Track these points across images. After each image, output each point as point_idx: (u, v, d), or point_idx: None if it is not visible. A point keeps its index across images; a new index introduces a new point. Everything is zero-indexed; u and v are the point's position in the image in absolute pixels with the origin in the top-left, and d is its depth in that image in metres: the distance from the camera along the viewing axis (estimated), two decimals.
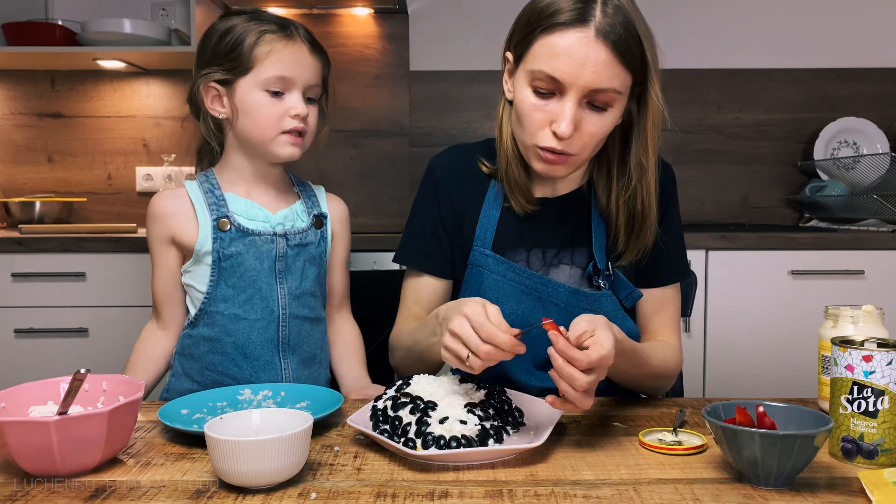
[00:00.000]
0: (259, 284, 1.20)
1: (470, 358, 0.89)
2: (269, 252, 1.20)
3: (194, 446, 0.91)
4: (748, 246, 2.24)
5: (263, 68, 1.17)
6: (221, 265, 1.19)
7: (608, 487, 0.78)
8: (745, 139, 2.83)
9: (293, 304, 1.22)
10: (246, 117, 1.19)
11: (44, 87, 2.79)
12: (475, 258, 1.19)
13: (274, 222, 1.22)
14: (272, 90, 1.18)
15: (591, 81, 1.01)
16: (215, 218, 1.19)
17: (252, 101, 1.18)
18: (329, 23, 2.78)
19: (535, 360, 1.17)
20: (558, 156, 1.06)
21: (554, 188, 1.21)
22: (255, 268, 1.19)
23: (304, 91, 1.20)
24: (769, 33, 2.80)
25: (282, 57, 1.17)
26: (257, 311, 1.20)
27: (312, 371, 1.26)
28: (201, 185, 1.23)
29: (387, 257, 2.22)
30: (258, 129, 1.19)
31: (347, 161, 2.82)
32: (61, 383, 0.93)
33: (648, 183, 1.12)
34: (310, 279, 1.25)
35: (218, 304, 1.19)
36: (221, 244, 1.18)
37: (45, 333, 2.25)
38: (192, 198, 1.21)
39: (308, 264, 1.24)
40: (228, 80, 1.19)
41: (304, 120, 1.20)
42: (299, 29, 1.21)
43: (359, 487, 0.78)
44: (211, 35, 1.21)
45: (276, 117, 1.18)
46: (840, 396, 0.86)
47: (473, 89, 2.78)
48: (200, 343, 1.21)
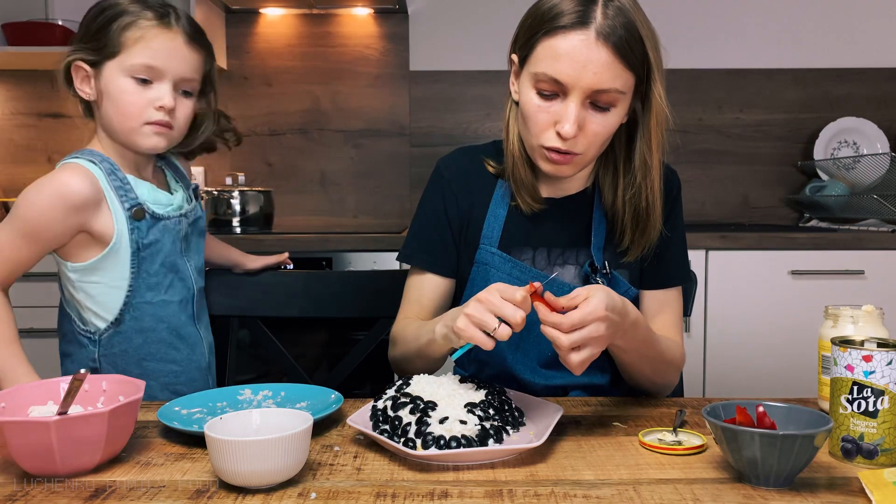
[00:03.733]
0: (177, 266, 1.22)
1: (499, 328, 0.90)
2: (178, 234, 1.22)
3: (194, 446, 0.91)
4: (748, 246, 2.24)
5: (131, 54, 1.12)
6: (140, 255, 1.16)
7: (608, 487, 0.78)
8: (745, 139, 2.83)
9: (198, 278, 1.28)
10: (109, 102, 1.14)
11: (44, 87, 2.79)
12: (482, 256, 1.20)
13: (176, 205, 1.22)
14: (139, 77, 1.13)
15: (594, 82, 1.02)
16: (129, 207, 1.15)
17: (116, 87, 1.13)
18: (329, 23, 2.78)
19: (540, 358, 1.18)
20: (563, 155, 1.08)
21: (560, 188, 1.22)
22: (172, 251, 1.21)
23: (177, 83, 1.15)
24: (769, 33, 2.80)
25: (152, 45, 1.12)
26: (178, 291, 1.23)
27: (209, 334, 1.32)
28: (101, 166, 1.14)
29: (387, 257, 2.22)
30: (121, 116, 1.14)
31: (347, 161, 2.82)
32: (61, 383, 0.93)
33: (653, 180, 1.13)
34: (202, 252, 1.30)
35: (143, 294, 1.18)
36: (139, 234, 1.15)
37: (45, 333, 2.24)
38: (102, 184, 1.14)
39: (198, 238, 1.29)
40: (96, 62, 1.14)
41: (169, 113, 1.15)
42: (181, 19, 1.15)
43: (359, 487, 0.78)
44: (90, 10, 1.16)
45: (139, 106, 1.13)
46: (840, 396, 0.86)
47: (473, 89, 2.78)
48: (132, 337, 1.19)
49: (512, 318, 0.90)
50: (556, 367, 1.18)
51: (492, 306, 0.91)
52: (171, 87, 1.14)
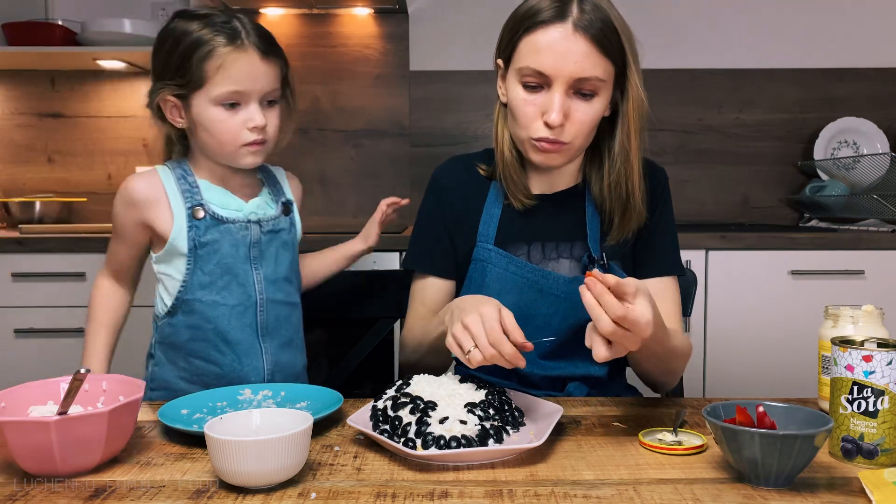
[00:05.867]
0: (235, 270, 1.21)
1: (471, 353, 0.94)
2: (243, 239, 1.21)
3: (194, 446, 0.91)
4: (748, 246, 2.24)
5: (215, 84, 1.14)
6: (198, 253, 1.19)
7: (608, 487, 0.78)
8: (745, 139, 2.83)
9: (269, 288, 1.23)
10: (204, 131, 1.17)
11: (44, 87, 2.79)
12: (479, 253, 1.23)
13: (247, 211, 1.23)
14: (227, 104, 1.15)
15: (575, 71, 1.08)
16: (189, 206, 1.18)
17: (207, 116, 1.16)
18: (329, 23, 2.78)
19: (539, 349, 1.20)
20: (552, 144, 1.12)
21: (551, 184, 1.25)
22: (231, 254, 1.20)
23: (262, 99, 1.17)
24: (769, 33, 2.80)
25: (233, 72, 1.14)
26: (235, 296, 1.21)
27: (291, 355, 1.28)
28: (173, 171, 1.21)
29: (387, 257, 2.22)
30: (217, 143, 1.17)
31: (347, 161, 2.82)
32: (61, 383, 0.93)
33: (632, 165, 1.17)
34: (284, 265, 1.26)
35: (195, 291, 1.20)
36: (197, 232, 1.18)
37: (45, 333, 2.25)
38: (164, 184, 1.20)
39: (281, 250, 1.26)
40: (183, 95, 1.16)
41: (262, 130, 1.18)
42: (250, 34, 1.15)
43: (359, 487, 0.78)
44: (162, 43, 1.18)
45: (233, 132, 1.16)
46: (840, 396, 0.86)
47: (473, 89, 2.78)
48: (181, 331, 1.21)
49: (482, 352, 0.93)
50: (555, 357, 1.20)
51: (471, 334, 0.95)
52: (258, 105, 1.17)
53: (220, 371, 1.21)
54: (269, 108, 1.20)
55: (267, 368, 1.23)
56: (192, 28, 1.15)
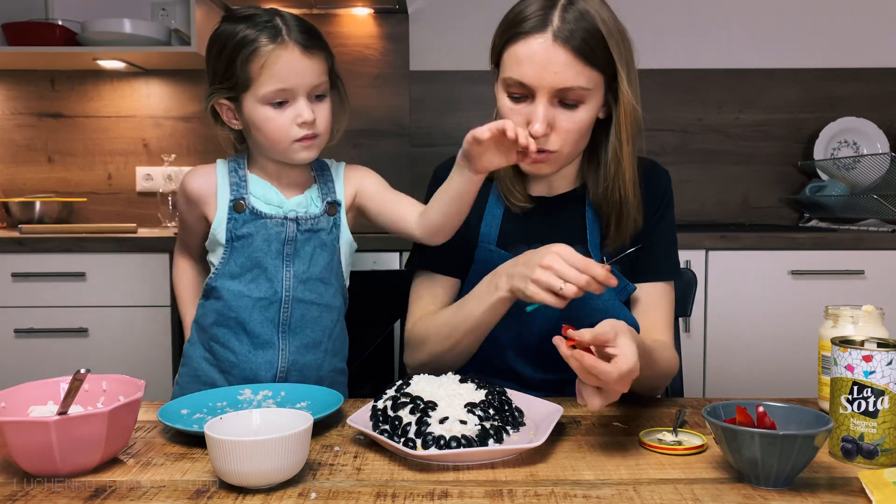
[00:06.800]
0: (265, 265, 1.21)
1: (564, 288, 0.98)
2: (278, 235, 1.22)
3: (194, 446, 0.91)
4: (748, 246, 2.24)
5: (261, 84, 1.15)
6: (234, 244, 1.22)
7: (608, 487, 0.78)
8: (745, 139, 2.83)
9: (298, 287, 1.23)
10: (257, 131, 1.19)
11: (44, 87, 2.79)
12: (480, 254, 1.23)
13: (287, 208, 1.23)
14: (275, 102, 1.17)
15: (556, 82, 1.07)
16: (232, 199, 1.22)
17: (258, 116, 1.18)
18: (329, 23, 2.78)
19: (540, 353, 1.19)
20: (539, 154, 1.12)
21: (550, 187, 1.25)
22: (263, 249, 1.21)
23: (309, 93, 1.18)
24: (769, 33, 2.80)
25: (276, 70, 1.15)
26: (262, 289, 1.22)
27: (316, 357, 1.25)
28: (229, 164, 1.26)
29: (387, 257, 2.22)
30: (270, 141, 1.19)
31: (347, 161, 2.80)
32: (61, 383, 0.93)
33: (624, 172, 1.17)
34: (319, 265, 1.24)
35: (225, 280, 1.22)
36: (235, 224, 1.21)
37: (45, 333, 2.25)
38: (218, 178, 1.24)
39: (319, 250, 1.25)
40: (234, 97, 1.19)
41: (311, 125, 1.19)
42: (292, 30, 1.16)
43: (359, 487, 0.78)
44: (211, 48, 1.20)
45: (284, 129, 1.18)
46: (840, 396, 0.86)
47: (473, 89, 2.78)
48: (209, 314, 1.24)
49: (576, 282, 0.97)
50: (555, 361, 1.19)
51: (556, 272, 0.98)
52: (305, 100, 1.18)
53: (234, 359, 1.22)
54: (317, 102, 1.20)
55: (281, 366, 1.22)
56: (236, 30, 1.16)
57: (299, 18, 1.20)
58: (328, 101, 1.23)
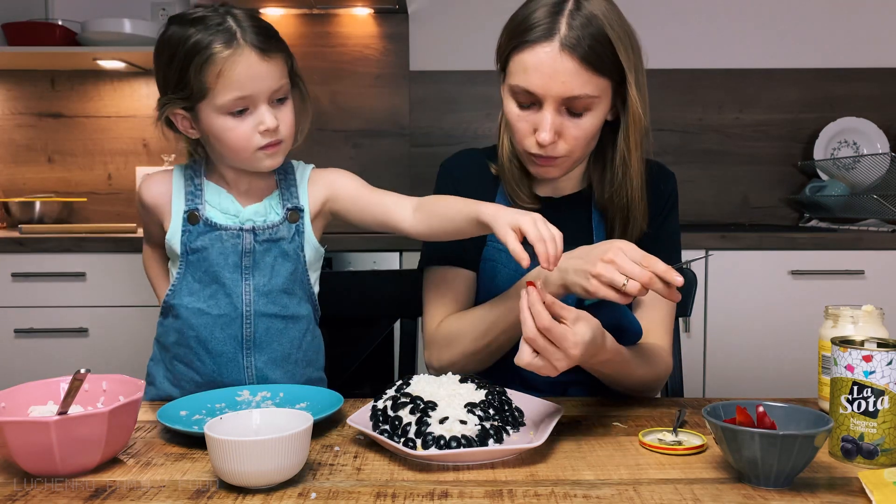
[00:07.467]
0: (223, 280, 1.16)
1: (628, 284, 0.95)
2: (234, 247, 1.16)
3: (194, 446, 0.91)
4: (748, 246, 2.24)
5: (217, 94, 1.07)
6: (189, 258, 1.16)
7: (608, 487, 0.78)
8: (745, 139, 2.83)
9: (260, 300, 1.16)
10: (217, 141, 1.12)
11: (44, 87, 2.79)
12: (489, 253, 1.23)
13: (244, 217, 1.17)
14: (234, 111, 1.09)
15: (563, 91, 1.06)
16: (186, 210, 1.16)
17: (217, 126, 1.10)
18: (329, 23, 2.78)
19: None
20: (546, 159, 1.12)
21: (556, 188, 1.25)
22: (219, 262, 1.15)
23: (270, 98, 1.11)
24: (769, 33, 2.80)
25: (233, 78, 1.07)
26: (221, 306, 1.15)
27: (286, 371, 1.19)
28: (185, 171, 1.20)
29: (387, 257, 2.22)
30: (231, 151, 1.12)
31: (347, 161, 2.81)
32: (61, 383, 0.93)
33: (631, 178, 1.17)
34: (282, 276, 1.17)
35: (183, 297, 1.16)
36: (189, 237, 1.15)
37: (45, 333, 2.25)
38: (174, 187, 1.19)
39: (280, 260, 1.17)
40: (189, 107, 1.11)
41: (275, 131, 1.11)
42: (247, 32, 1.08)
43: (359, 487, 0.78)
44: (160, 54, 1.12)
45: (246, 138, 1.10)
46: (840, 396, 0.86)
47: (473, 89, 2.78)
48: (170, 332, 1.19)
49: (640, 278, 0.94)
50: None
51: (619, 268, 0.96)
52: (266, 105, 1.11)
53: (199, 380, 1.17)
54: (279, 105, 1.13)
55: (248, 384, 1.16)
56: (186, 34, 1.08)
57: (254, 16, 1.12)
58: (290, 103, 1.15)
